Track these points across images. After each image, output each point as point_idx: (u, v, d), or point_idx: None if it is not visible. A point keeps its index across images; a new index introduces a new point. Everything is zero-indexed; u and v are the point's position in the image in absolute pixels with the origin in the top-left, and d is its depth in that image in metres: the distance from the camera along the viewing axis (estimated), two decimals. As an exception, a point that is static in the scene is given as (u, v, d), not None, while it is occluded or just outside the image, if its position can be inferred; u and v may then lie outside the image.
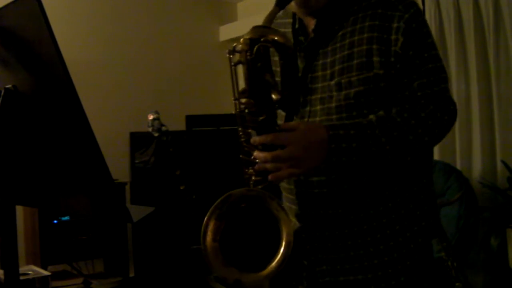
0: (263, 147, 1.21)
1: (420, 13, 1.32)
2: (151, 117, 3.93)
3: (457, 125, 3.45)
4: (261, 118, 1.22)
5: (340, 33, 1.34)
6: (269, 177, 1.22)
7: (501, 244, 3.01)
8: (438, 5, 3.54)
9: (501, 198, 3.18)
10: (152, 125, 3.92)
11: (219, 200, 1.24)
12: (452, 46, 3.47)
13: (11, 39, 1.18)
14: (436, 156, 3.51)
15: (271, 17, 1.27)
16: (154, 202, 4.19)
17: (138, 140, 4.58)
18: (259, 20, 1.55)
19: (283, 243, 1.18)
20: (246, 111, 1.25)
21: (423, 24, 1.31)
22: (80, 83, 1.41)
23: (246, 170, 1.28)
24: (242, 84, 1.26)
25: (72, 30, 4.38)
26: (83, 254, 4.13)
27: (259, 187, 1.26)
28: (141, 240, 4.37)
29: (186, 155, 4.33)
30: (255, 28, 1.24)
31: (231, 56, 1.26)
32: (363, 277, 1.32)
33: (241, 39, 1.23)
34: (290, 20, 1.46)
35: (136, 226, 4.34)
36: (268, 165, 1.21)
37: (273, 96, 1.25)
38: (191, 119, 4.52)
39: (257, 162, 1.24)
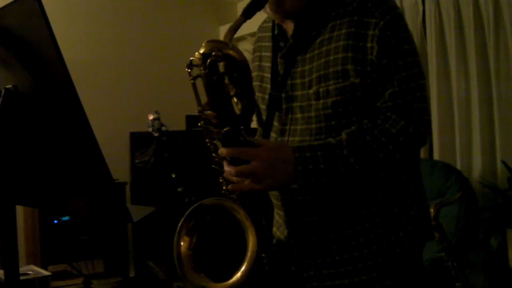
0: (231, 159, 1.22)
1: (398, 18, 1.28)
2: (151, 117, 3.93)
3: (457, 125, 3.46)
4: (225, 129, 1.22)
5: (318, 40, 1.33)
6: (229, 186, 1.25)
7: (501, 244, 3.01)
8: (438, 5, 3.54)
9: (501, 198, 3.18)
10: (152, 125, 3.92)
11: (190, 209, 1.27)
12: (452, 46, 3.47)
13: (11, 39, 1.18)
14: (436, 156, 3.52)
15: (236, 27, 1.25)
16: (154, 202, 4.19)
17: (138, 140, 4.58)
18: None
19: (248, 254, 1.20)
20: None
21: (400, 29, 1.28)
22: (80, 83, 1.40)
23: (220, 179, 1.30)
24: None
25: (72, 30, 4.38)
26: (83, 254, 4.13)
27: (233, 195, 1.28)
28: (141, 240, 4.37)
29: (185, 155, 4.32)
30: (208, 42, 1.23)
31: (190, 70, 1.25)
32: (349, 281, 1.32)
33: (196, 53, 1.23)
34: (270, 24, 1.45)
35: (136, 226, 4.34)
36: (234, 178, 1.23)
37: (239, 106, 1.25)
38: (191, 119, 4.52)
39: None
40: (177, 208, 4.23)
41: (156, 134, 3.94)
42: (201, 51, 1.22)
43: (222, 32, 5.20)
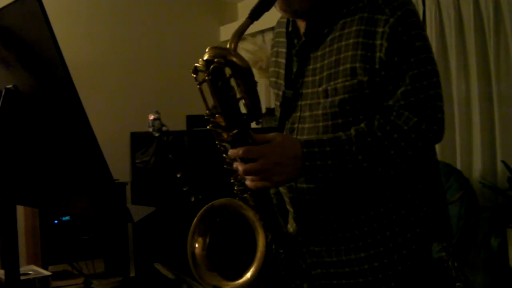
0: (241, 159, 1.23)
1: (409, 15, 1.26)
2: (151, 117, 3.92)
3: (457, 125, 3.45)
4: (233, 132, 1.23)
5: (329, 37, 1.33)
6: (247, 183, 1.26)
7: (501, 244, 3.01)
8: (438, 5, 3.54)
9: (501, 198, 3.18)
10: (153, 125, 3.91)
11: (202, 210, 1.30)
12: (452, 46, 3.47)
13: (11, 39, 1.18)
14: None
15: (242, 30, 1.24)
16: (155, 202, 4.19)
17: (138, 140, 4.58)
18: (260, 20, 1.55)
19: (258, 254, 1.22)
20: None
21: (412, 26, 1.26)
22: (81, 83, 1.41)
23: (231, 179, 1.31)
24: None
25: (73, 30, 4.38)
26: (84, 254, 4.13)
27: (245, 195, 1.29)
28: (142, 240, 4.37)
29: (187, 155, 4.32)
30: (211, 49, 1.23)
31: (196, 75, 1.26)
32: (354, 281, 1.33)
33: (200, 59, 1.24)
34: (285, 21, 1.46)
35: (137, 226, 4.34)
36: (245, 177, 1.24)
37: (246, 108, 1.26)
38: (192, 119, 4.52)
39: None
40: (179, 208, 4.23)
41: (157, 134, 3.94)
42: (205, 57, 1.23)
43: (222, 32, 5.20)
